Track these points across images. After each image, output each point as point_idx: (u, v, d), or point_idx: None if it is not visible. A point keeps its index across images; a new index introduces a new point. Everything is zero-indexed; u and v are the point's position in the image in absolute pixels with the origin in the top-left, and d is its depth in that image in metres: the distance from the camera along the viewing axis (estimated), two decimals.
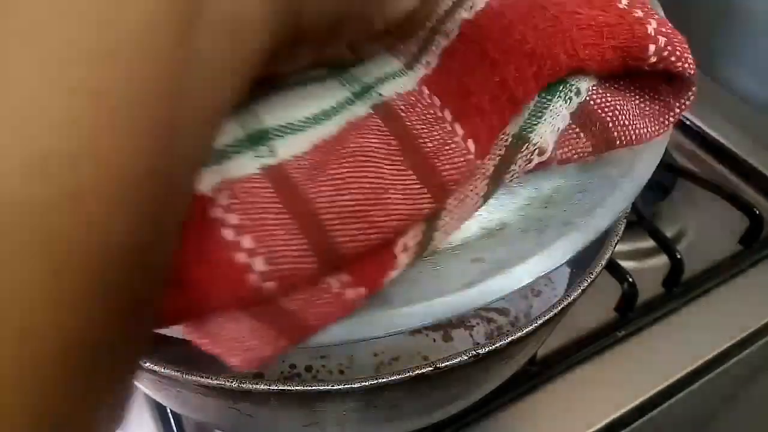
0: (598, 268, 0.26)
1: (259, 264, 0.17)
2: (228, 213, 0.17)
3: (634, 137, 0.22)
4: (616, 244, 0.28)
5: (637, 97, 0.23)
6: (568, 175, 0.23)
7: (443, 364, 0.23)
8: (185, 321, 0.17)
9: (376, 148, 0.19)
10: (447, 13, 0.22)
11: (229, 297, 0.17)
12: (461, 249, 0.21)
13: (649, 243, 0.49)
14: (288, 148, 0.19)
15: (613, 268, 0.44)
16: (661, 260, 0.48)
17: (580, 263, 0.29)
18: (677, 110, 0.23)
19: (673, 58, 0.21)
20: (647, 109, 0.23)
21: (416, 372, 0.22)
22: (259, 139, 0.19)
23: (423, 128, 0.20)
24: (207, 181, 0.17)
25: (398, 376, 0.22)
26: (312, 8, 0.15)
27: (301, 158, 0.18)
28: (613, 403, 0.41)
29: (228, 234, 0.17)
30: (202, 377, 0.22)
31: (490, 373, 0.27)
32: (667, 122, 0.23)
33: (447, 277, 0.20)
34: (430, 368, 0.23)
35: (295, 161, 0.18)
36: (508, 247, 0.21)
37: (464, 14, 0.21)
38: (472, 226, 0.21)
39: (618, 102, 0.22)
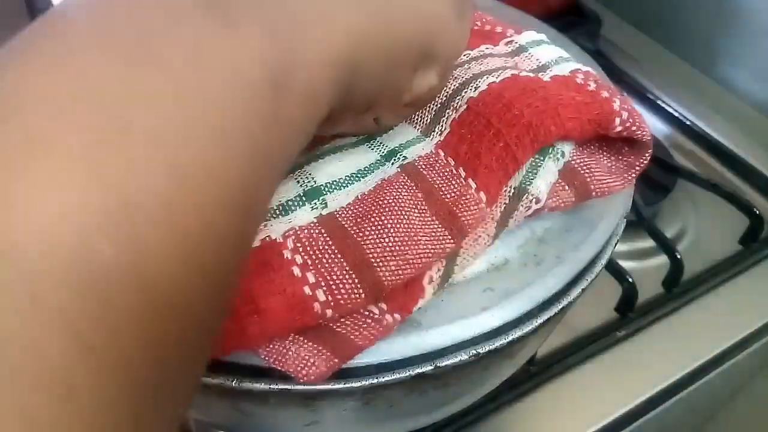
0: (598, 268, 0.26)
1: (320, 295, 0.21)
2: (295, 254, 0.21)
3: (606, 190, 0.27)
4: (616, 244, 0.28)
5: (606, 158, 0.28)
6: (555, 219, 0.28)
7: (443, 364, 0.23)
8: (263, 343, 0.21)
9: (407, 200, 0.24)
10: (455, 92, 0.27)
11: (298, 321, 0.21)
12: (474, 281, 0.25)
13: (649, 243, 0.49)
14: (336, 201, 0.23)
15: (613, 268, 0.44)
16: (661, 260, 0.48)
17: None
18: (637, 168, 0.28)
19: (633, 128, 0.27)
20: (614, 167, 0.28)
21: (416, 371, 0.22)
22: (313, 194, 0.24)
23: (442, 183, 0.24)
24: (277, 230, 0.22)
25: (398, 376, 0.22)
26: (360, 86, 0.20)
27: (346, 208, 0.23)
28: (613, 403, 0.41)
29: (296, 271, 0.21)
30: (202, 376, 0.22)
31: (490, 372, 0.27)
32: (630, 177, 0.28)
33: (464, 304, 0.24)
34: (430, 367, 0.23)
35: (342, 211, 0.23)
36: (511, 279, 0.25)
37: (470, 93, 0.26)
38: (481, 262, 0.26)
39: (593, 162, 0.27)
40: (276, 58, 0.16)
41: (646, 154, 0.28)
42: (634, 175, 0.28)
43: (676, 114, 0.60)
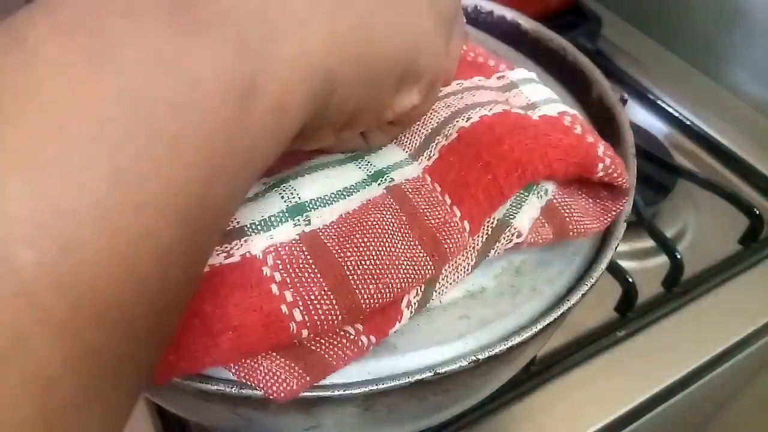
0: (599, 272, 0.26)
1: (297, 315, 0.21)
2: (275, 272, 0.21)
3: (583, 231, 0.27)
4: (616, 247, 0.27)
5: (584, 199, 0.29)
6: (533, 252, 0.28)
7: (443, 370, 0.23)
8: (237, 359, 0.21)
9: (390, 223, 0.23)
10: (447, 120, 0.27)
11: (274, 339, 0.21)
12: (450, 307, 0.26)
13: (649, 243, 0.49)
14: (320, 218, 0.23)
15: (613, 268, 0.44)
16: (661, 260, 0.48)
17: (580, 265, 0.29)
18: (613, 212, 0.29)
19: (615, 174, 0.27)
20: (591, 209, 0.29)
21: (416, 378, 0.22)
22: (297, 210, 0.23)
23: (427, 209, 0.24)
24: (258, 246, 0.22)
25: (398, 382, 0.22)
26: (338, 101, 0.19)
27: (330, 226, 0.23)
28: (613, 403, 0.41)
29: (274, 289, 0.21)
30: (202, 383, 0.22)
31: (490, 377, 0.27)
32: (605, 221, 0.29)
33: (439, 330, 0.25)
34: (430, 374, 0.23)
35: (326, 229, 0.23)
36: (487, 308, 0.26)
37: (462, 123, 0.27)
38: (458, 288, 0.26)
39: (573, 202, 0.28)
40: (242, 67, 0.16)
41: (624, 201, 0.29)
42: (609, 220, 0.29)
43: (677, 114, 0.60)
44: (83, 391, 0.14)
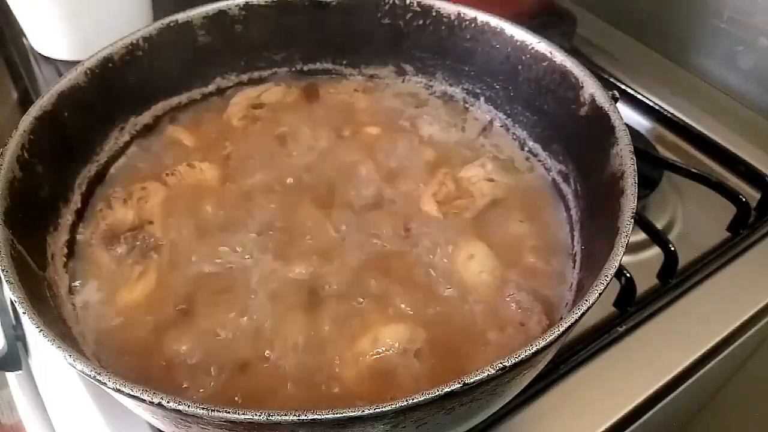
0: (612, 271, 0.26)
1: None
2: None
3: None
4: (626, 245, 0.28)
5: None
6: None
7: (471, 380, 0.23)
8: None
9: None
10: None
11: None
12: None
13: (638, 236, 0.49)
14: None
15: None
16: (652, 252, 0.49)
17: (588, 264, 0.29)
18: None
19: None
20: None
21: (445, 390, 0.22)
22: None
23: None
24: None
25: (428, 396, 0.22)
26: None
27: None
28: (623, 399, 0.41)
29: None
30: (229, 413, 0.21)
31: (514, 382, 0.27)
32: None
33: None
34: (459, 385, 0.22)
35: None
36: None
37: None
38: None
39: None
40: None
41: None
42: None
43: (657, 107, 0.61)
44: None
